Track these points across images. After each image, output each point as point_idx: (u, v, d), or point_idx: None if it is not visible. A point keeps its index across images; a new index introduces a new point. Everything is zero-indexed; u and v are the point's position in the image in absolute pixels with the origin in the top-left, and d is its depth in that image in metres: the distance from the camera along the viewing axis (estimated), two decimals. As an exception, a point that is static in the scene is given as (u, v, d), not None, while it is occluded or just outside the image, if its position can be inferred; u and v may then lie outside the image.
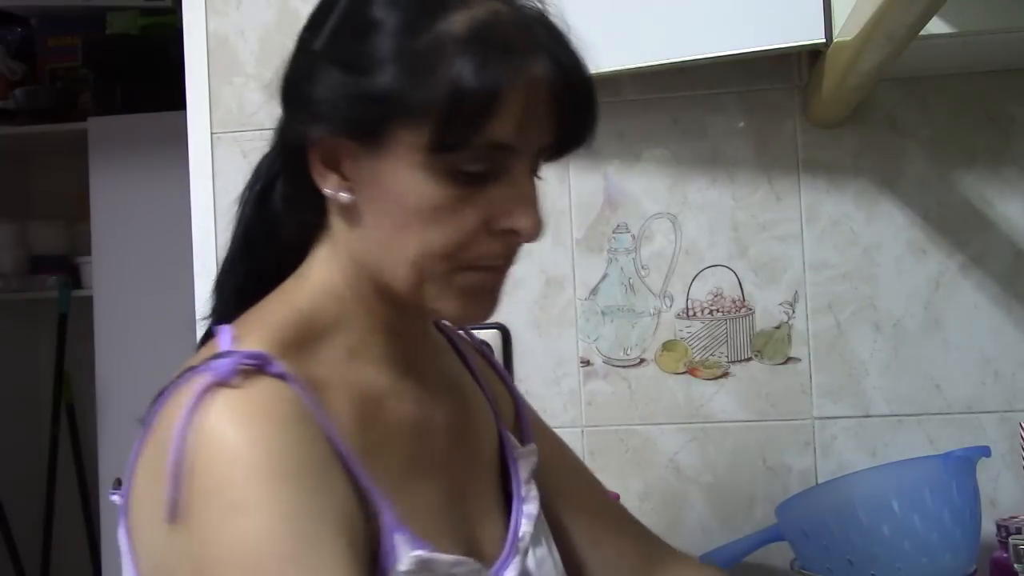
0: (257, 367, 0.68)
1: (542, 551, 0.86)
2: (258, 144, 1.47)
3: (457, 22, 0.70)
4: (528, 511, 0.86)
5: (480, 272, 0.75)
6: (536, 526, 0.86)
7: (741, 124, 1.41)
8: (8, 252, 2.96)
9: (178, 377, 0.70)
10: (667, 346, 1.41)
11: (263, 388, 0.67)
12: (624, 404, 1.41)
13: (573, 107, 0.74)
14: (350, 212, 0.75)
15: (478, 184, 0.72)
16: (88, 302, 2.72)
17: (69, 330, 2.94)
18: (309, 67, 0.74)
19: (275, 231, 0.80)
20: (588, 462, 1.41)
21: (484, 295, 0.77)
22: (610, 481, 1.39)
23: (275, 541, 0.63)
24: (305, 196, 0.77)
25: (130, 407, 0.89)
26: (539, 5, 0.76)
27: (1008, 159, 1.36)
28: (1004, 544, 1.19)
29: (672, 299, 1.41)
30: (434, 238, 0.72)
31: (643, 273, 1.42)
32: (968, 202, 1.37)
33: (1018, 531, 1.18)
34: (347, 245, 0.77)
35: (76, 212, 2.92)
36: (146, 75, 2.67)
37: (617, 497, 1.31)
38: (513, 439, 0.92)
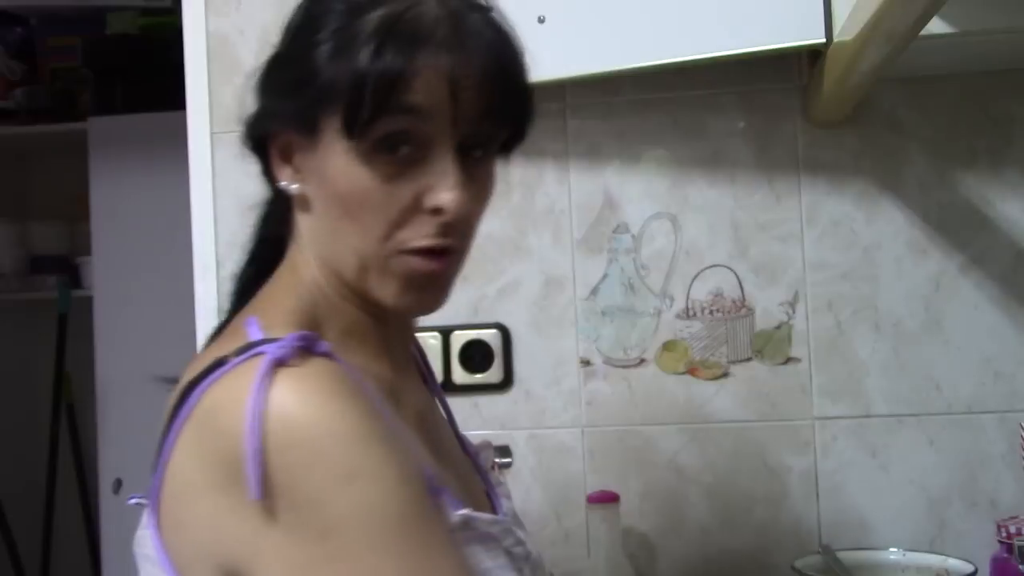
0: (307, 348, 0.70)
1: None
2: (258, 144, 1.48)
3: (375, 17, 0.74)
4: (505, 492, 0.92)
5: (415, 257, 0.77)
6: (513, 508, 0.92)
7: (741, 124, 1.41)
8: (8, 252, 2.96)
9: (215, 367, 0.70)
10: (667, 346, 1.41)
11: (321, 366, 0.69)
12: (624, 404, 1.41)
13: (484, 99, 0.75)
14: (305, 205, 0.79)
15: (404, 168, 0.75)
16: (88, 302, 2.72)
17: (69, 330, 2.94)
18: (266, 67, 0.81)
19: (269, 230, 0.86)
20: (588, 462, 1.41)
21: (424, 282, 0.78)
22: (610, 481, 1.40)
23: (397, 502, 0.66)
24: (272, 189, 0.83)
25: (130, 407, 0.89)
26: (483, 3, 0.79)
27: (1008, 159, 1.37)
28: (1004, 544, 1.19)
29: (672, 299, 1.41)
30: (368, 221, 0.76)
31: (643, 273, 1.42)
32: (968, 202, 1.37)
33: (1019, 532, 1.18)
34: (308, 239, 0.80)
35: (76, 212, 2.91)
36: (146, 75, 2.67)
37: (617, 497, 1.31)
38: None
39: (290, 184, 0.79)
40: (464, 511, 0.74)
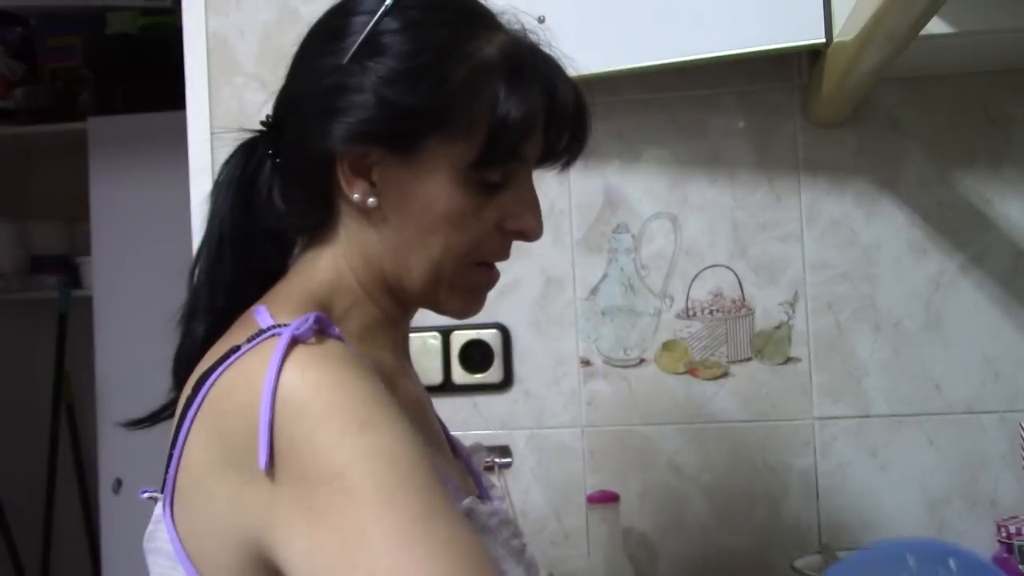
0: (322, 330, 0.72)
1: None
2: (258, 144, 1.48)
3: (488, 48, 0.78)
4: (498, 494, 0.95)
5: (487, 269, 0.85)
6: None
7: (741, 124, 1.41)
8: (8, 252, 2.96)
9: (227, 355, 0.71)
10: (667, 346, 1.41)
11: (334, 345, 0.72)
12: (624, 404, 1.41)
13: (577, 123, 0.84)
14: (371, 216, 0.80)
15: (495, 191, 0.81)
16: (88, 302, 2.72)
17: (69, 330, 2.94)
18: (339, 80, 0.78)
19: (263, 226, 0.84)
20: (588, 462, 1.41)
21: (485, 291, 0.86)
22: (610, 481, 1.40)
23: (408, 450, 0.67)
24: (315, 198, 0.82)
25: (130, 407, 0.90)
26: (533, 36, 0.84)
27: (1008, 159, 1.37)
28: (1004, 544, 1.19)
29: (672, 299, 1.41)
30: (456, 241, 0.80)
31: (643, 273, 1.42)
32: (968, 202, 1.37)
33: (1019, 532, 1.18)
34: (362, 245, 0.81)
35: (76, 212, 2.91)
36: (146, 75, 2.67)
37: (617, 497, 1.31)
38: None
39: (365, 198, 0.78)
40: (468, 500, 0.76)
